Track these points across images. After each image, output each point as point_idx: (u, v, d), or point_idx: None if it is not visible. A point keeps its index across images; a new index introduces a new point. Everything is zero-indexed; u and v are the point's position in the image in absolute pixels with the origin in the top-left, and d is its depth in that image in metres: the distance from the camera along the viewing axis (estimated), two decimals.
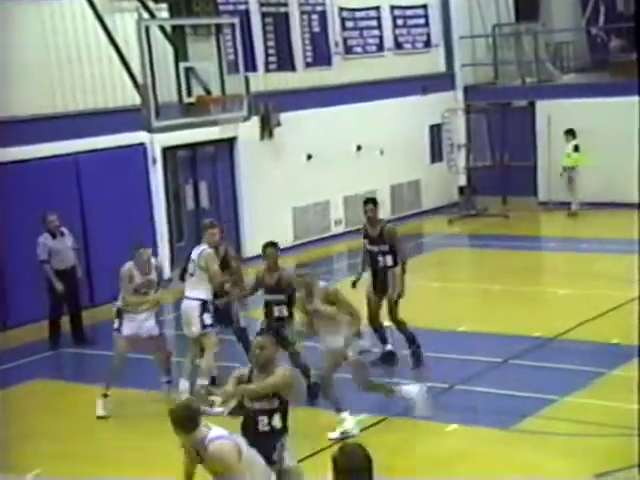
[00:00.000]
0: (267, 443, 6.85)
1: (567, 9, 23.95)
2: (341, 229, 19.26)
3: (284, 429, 7.04)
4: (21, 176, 13.72)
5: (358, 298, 10.67)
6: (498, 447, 8.99)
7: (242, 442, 6.44)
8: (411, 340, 11.22)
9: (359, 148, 19.54)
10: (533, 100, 20.87)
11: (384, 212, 20.07)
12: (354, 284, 11.22)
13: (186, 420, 6.21)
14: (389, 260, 11.08)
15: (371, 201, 11.39)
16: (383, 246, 11.08)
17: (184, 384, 10.17)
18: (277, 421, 6.98)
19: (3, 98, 13.57)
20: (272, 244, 10.46)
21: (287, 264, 11.89)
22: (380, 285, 11.15)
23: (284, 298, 10.19)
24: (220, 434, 6.26)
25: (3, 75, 13.61)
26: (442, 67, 21.76)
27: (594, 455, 8.61)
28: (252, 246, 16.81)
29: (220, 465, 6.18)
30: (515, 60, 21.92)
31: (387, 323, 11.42)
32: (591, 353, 11.36)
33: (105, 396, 10.17)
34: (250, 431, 6.94)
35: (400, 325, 11.23)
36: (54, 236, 12.85)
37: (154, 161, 15.79)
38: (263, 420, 6.95)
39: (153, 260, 10.45)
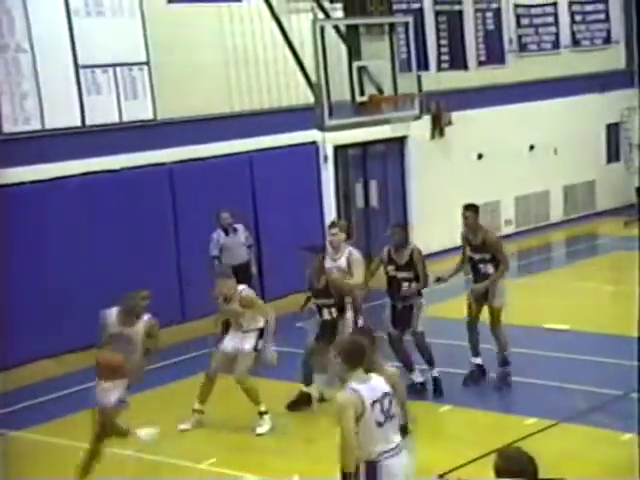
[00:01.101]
0: None
1: None
2: (511, 229, 18.95)
3: (404, 430, 6.65)
4: (196, 174, 14.15)
5: None
6: None
7: (379, 406, 6.09)
8: (502, 360, 10.80)
9: (532, 147, 19.17)
10: None
11: (556, 213, 19.83)
12: (438, 280, 11.04)
13: (349, 355, 6.10)
14: (490, 268, 10.80)
15: (471, 207, 11.15)
16: (485, 254, 10.84)
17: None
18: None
19: (180, 98, 14.04)
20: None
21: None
22: (481, 293, 10.90)
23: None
24: (355, 387, 6.00)
25: (181, 76, 14.07)
26: (622, 64, 21.05)
27: None
28: (421, 245, 16.76)
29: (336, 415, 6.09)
30: None
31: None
32: None
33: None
34: None
35: (499, 337, 10.84)
36: (227, 233, 13.22)
37: (325, 159, 15.98)
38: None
39: None
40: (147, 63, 13.88)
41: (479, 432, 9.39)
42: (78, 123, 13.22)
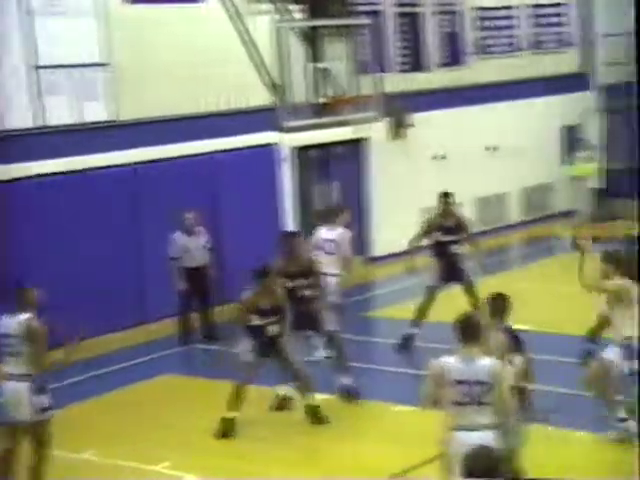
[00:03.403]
0: None
1: None
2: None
3: None
4: (158, 175, 14.14)
5: None
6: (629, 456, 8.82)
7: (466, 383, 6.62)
8: None
9: (491, 149, 19.33)
10: None
11: (515, 215, 20.02)
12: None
13: (462, 330, 6.66)
14: (458, 249, 12.33)
15: (449, 194, 12.68)
16: (456, 236, 12.32)
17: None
18: None
19: (141, 99, 14.02)
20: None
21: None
22: (449, 273, 12.30)
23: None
24: (451, 359, 6.65)
25: (143, 77, 14.06)
26: (579, 66, 21.33)
27: None
28: (381, 246, 16.92)
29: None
30: None
31: None
32: None
33: None
34: None
35: None
36: (188, 234, 13.21)
37: (285, 161, 16.00)
38: None
39: None
40: (109, 64, 13.84)
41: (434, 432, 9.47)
42: (38, 123, 13.17)
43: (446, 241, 12.29)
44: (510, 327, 7.63)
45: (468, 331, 6.69)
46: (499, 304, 7.56)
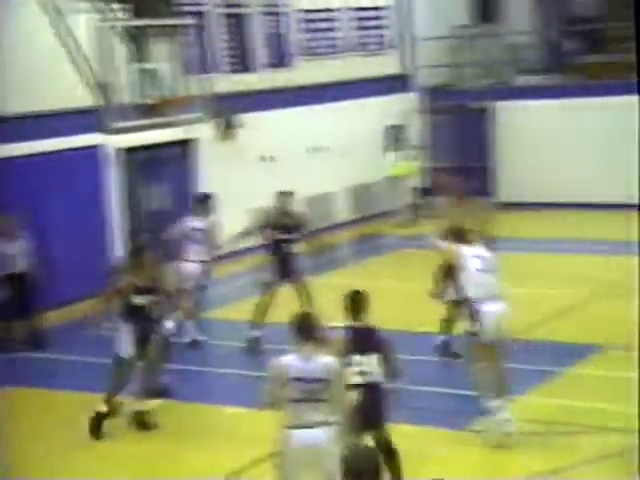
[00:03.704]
0: None
1: (524, 12, 24.20)
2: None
3: None
4: None
5: None
6: (453, 447, 9.11)
7: (303, 379, 6.70)
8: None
9: (319, 149, 19.61)
10: (490, 102, 21.11)
11: (343, 214, 20.38)
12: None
13: (298, 329, 6.79)
14: (294, 248, 12.39)
15: (290, 193, 12.70)
16: (294, 234, 12.34)
17: None
18: None
19: None
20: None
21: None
22: (285, 271, 12.28)
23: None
24: (290, 357, 6.78)
25: None
26: (401, 68, 21.93)
27: (549, 453, 8.77)
28: None
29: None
30: (473, 62, 22.15)
31: None
32: (544, 352, 11.56)
33: None
34: None
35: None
36: (8, 239, 12.73)
37: (112, 163, 15.72)
38: None
39: None
40: None
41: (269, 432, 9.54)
42: None
43: (283, 239, 12.30)
44: (366, 326, 7.63)
45: (304, 330, 6.78)
46: (355, 302, 7.60)
